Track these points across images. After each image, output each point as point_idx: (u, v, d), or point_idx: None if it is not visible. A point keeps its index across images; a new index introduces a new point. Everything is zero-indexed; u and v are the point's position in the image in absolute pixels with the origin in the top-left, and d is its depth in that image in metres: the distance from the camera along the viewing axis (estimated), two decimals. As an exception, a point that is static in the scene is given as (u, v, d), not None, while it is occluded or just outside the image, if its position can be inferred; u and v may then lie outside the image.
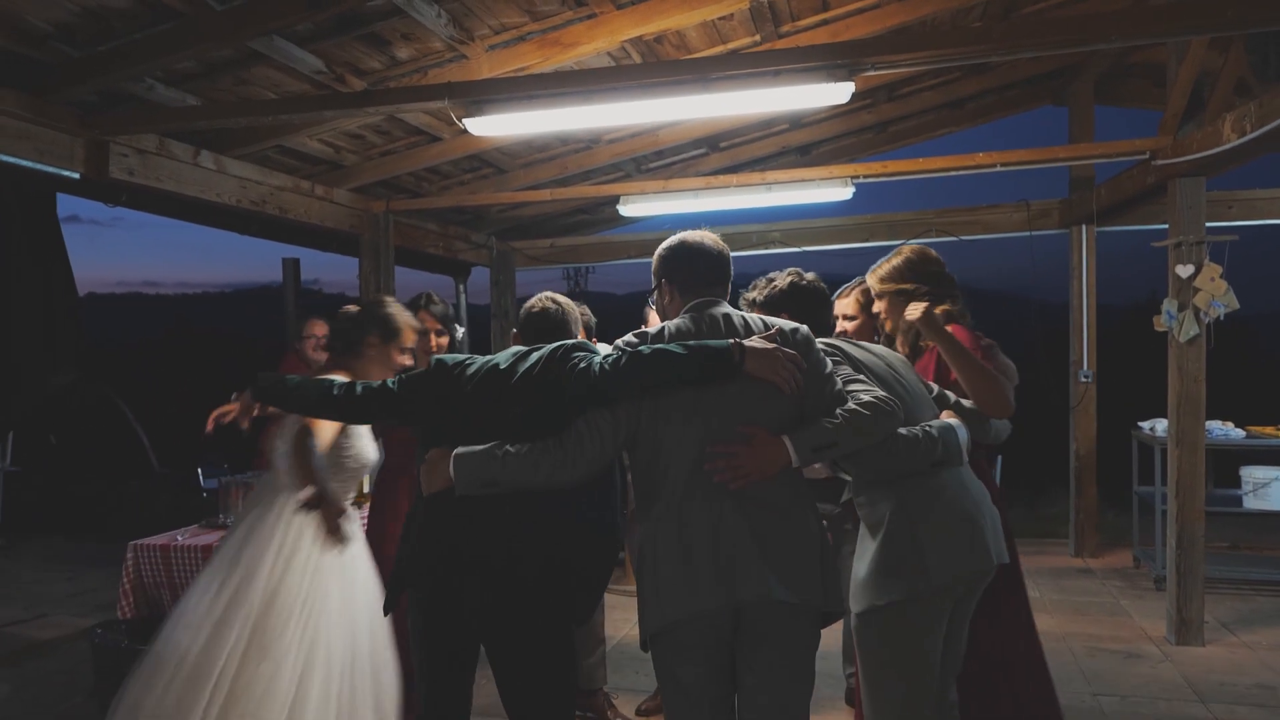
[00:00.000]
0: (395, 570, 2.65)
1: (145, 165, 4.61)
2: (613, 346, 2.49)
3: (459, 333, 4.09)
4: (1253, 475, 6.24)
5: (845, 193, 6.16)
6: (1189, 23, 3.28)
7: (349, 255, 6.87)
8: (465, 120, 4.04)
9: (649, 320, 3.73)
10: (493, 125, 4.10)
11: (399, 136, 5.68)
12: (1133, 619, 5.55)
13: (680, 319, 2.49)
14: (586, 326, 4.05)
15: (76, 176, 4.38)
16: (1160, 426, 6.25)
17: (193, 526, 4.03)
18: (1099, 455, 7.29)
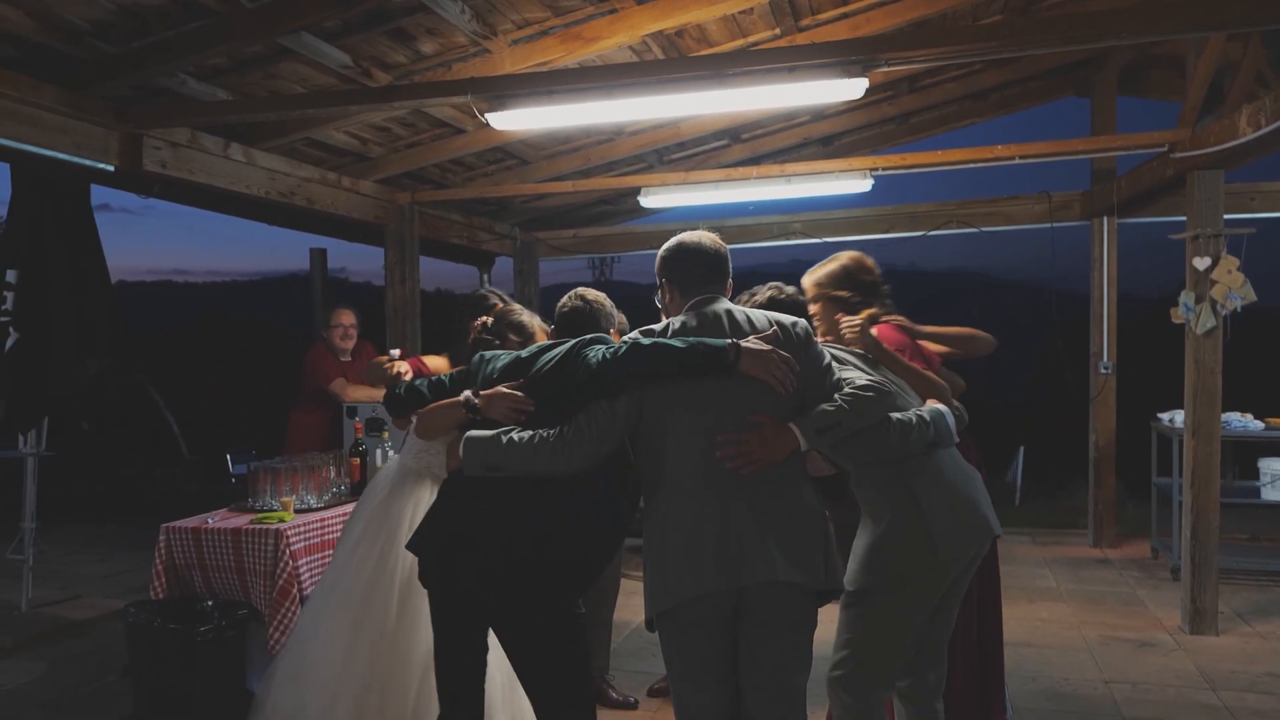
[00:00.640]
0: (409, 543, 2.80)
1: (177, 158, 4.74)
2: (621, 341, 2.59)
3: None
4: (1271, 467, 6.24)
5: (864, 185, 6.20)
6: (1197, 19, 3.32)
7: (375, 245, 6.99)
8: (488, 115, 4.12)
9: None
10: (515, 120, 4.18)
11: (424, 129, 5.78)
12: (1148, 609, 5.59)
13: (682, 316, 2.59)
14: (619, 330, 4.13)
15: (111, 169, 4.51)
16: (1179, 418, 6.25)
17: (222, 510, 4.14)
18: (1118, 446, 7.30)
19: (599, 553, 2.73)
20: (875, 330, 3.00)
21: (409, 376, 3.48)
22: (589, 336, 2.70)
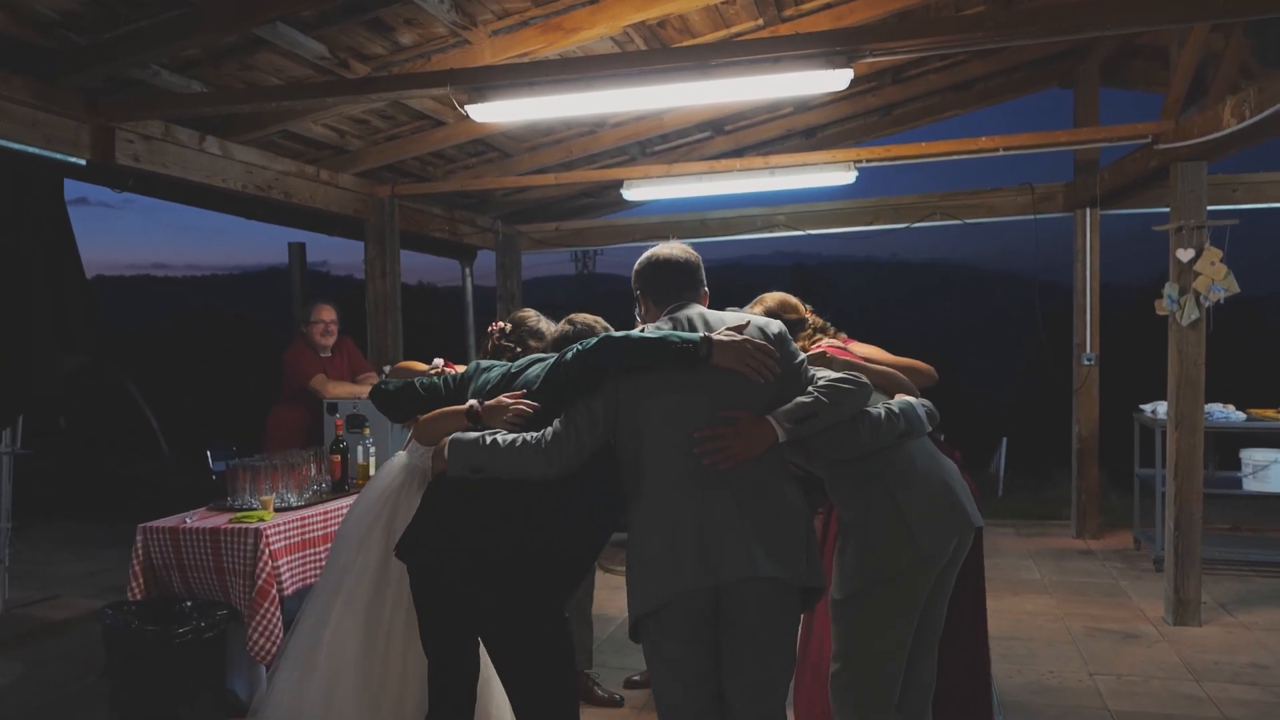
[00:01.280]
0: (397, 547, 2.75)
1: (151, 151, 4.66)
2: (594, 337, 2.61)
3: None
4: (1253, 458, 6.27)
5: (849, 177, 6.17)
6: (1182, 10, 3.31)
7: (354, 239, 6.91)
8: (468, 107, 4.06)
9: None
10: (495, 112, 4.12)
11: (403, 121, 5.71)
12: (1131, 600, 5.60)
13: (658, 322, 2.63)
14: None
15: (83, 163, 4.42)
16: (1161, 409, 6.28)
17: (201, 509, 4.08)
18: (1101, 437, 7.32)
19: (584, 552, 2.70)
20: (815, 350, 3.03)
21: None
22: (573, 345, 2.68)
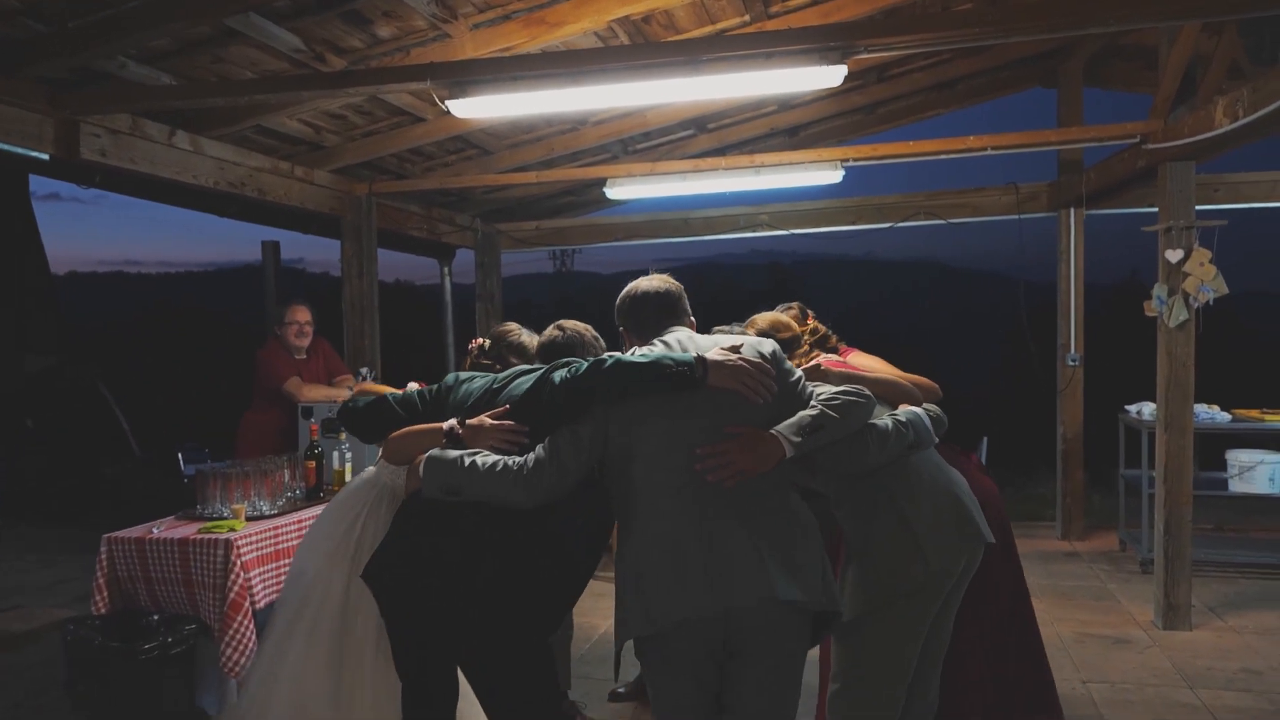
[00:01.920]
0: (364, 571, 2.61)
1: (118, 146, 4.50)
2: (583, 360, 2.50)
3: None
4: (1238, 459, 6.25)
5: (835, 176, 6.09)
6: (1184, 7, 3.24)
7: (330, 238, 6.76)
8: (448, 102, 3.94)
9: None
10: (476, 107, 4.00)
11: (381, 117, 5.57)
12: (1120, 603, 5.55)
13: (645, 348, 2.53)
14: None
15: (46, 158, 4.26)
16: (1146, 409, 6.25)
17: (168, 519, 3.93)
18: (1085, 438, 7.29)
19: (570, 585, 2.57)
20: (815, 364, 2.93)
21: None
22: (560, 361, 2.57)
